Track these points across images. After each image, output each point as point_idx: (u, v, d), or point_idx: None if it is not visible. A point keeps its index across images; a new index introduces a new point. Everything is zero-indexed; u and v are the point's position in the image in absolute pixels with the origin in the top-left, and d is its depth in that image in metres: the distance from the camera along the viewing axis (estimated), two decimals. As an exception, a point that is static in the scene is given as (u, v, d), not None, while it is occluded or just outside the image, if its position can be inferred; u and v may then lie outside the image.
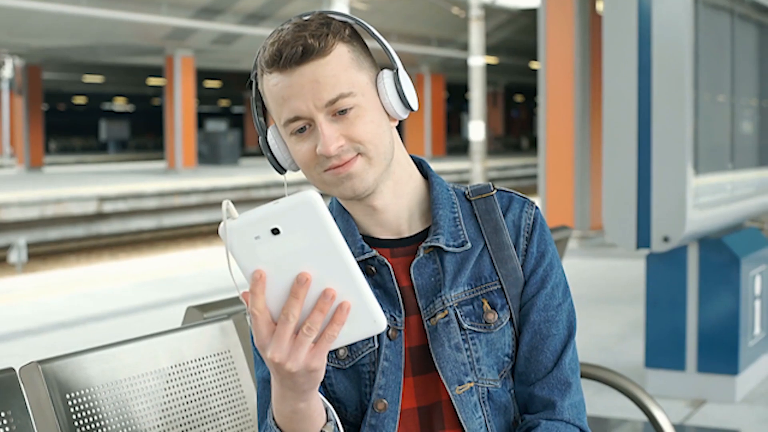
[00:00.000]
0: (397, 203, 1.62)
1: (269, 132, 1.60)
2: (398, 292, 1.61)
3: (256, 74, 1.57)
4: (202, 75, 36.87)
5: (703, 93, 5.22)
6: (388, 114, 1.58)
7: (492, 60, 32.18)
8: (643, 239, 4.99)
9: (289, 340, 1.29)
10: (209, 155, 32.62)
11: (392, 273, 1.61)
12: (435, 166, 1.85)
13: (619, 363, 5.81)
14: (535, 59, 12.58)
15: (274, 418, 1.45)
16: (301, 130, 1.53)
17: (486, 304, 1.62)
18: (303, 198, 1.25)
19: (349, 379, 1.62)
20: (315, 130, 1.52)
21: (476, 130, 16.76)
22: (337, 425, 1.47)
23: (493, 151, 39.75)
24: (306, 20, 1.53)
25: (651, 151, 4.94)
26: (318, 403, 1.42)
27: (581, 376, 2.52)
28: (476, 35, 17.11)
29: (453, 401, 1.59)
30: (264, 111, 1.62)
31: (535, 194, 13.95)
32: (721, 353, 5.15)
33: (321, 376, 1.35)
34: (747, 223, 6.07)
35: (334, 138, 1.50)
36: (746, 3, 5.93)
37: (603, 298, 8.48)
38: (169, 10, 24.28)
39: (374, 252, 1.60)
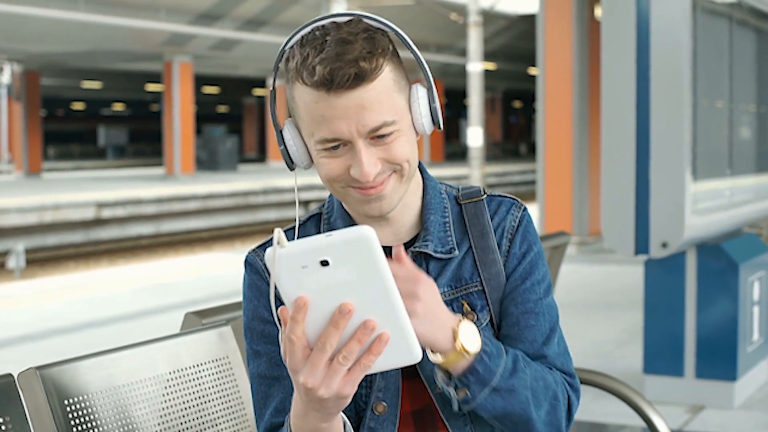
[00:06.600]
0: (404, 213, 1.62)
1: (286, 126, 1.57)
2: None
3: (286, 76, 1.52)
4: (200, 81, 36.86)
5: (702, 99, 5.22)
6: (416, 130, 1.58)
7: (490, 66, 32.19)
8: (641, 245, 4.99)
9: (324, 367, 1.29)
10: (208, 161, 32.62)
11: None
12: (433, 172, 1.84)
13: (618, 369, 5.80)
14: (534, 65, 12.59)
15: (291, 430, 1.45)
16: (335, 147, 1.50)
17: (465, 305, 1.62)
18: (358, 234, 1.24)
19: None
20: (351, 151, 1.50)
21: (474, 136, 16.77)
22: None
23: (491, 157, 39.74)
24: (348, 34, 1.47)
25: (649, 157, 4.94)
26: (338, 421, 1.42)
27: (579, 382, 2.49)
28: (474, 41, 17.12)
29: (434, 401, 1.59)
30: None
31: (533, 200, 13.95)
32: (720, 359, 5.15)
33: (348, 401, 1.34)
34: (745, 228, 6.07)
35: (372, 164, 1.49)
36: (745, 9, 5.94)
37: (601, 304, 8.48)
38: (168, 15, 24.28)
39: None
